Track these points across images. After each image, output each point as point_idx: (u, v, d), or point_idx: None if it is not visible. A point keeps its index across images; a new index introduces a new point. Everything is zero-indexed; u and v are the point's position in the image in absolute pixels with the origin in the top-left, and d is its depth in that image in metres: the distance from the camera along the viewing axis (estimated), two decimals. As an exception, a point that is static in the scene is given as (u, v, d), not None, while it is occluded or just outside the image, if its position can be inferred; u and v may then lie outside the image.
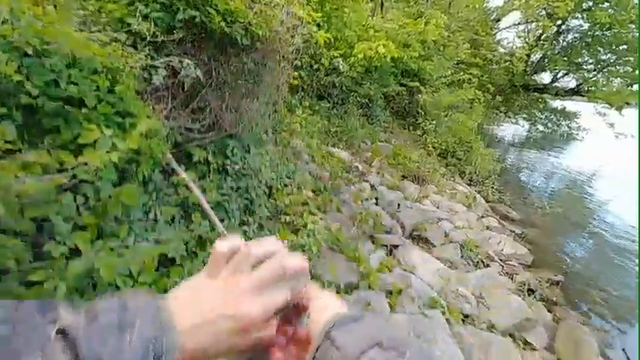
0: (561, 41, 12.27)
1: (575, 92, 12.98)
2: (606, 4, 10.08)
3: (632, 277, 4.48)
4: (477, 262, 3.94)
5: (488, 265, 3.92)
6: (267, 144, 3.23)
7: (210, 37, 2.37)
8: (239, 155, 2.89)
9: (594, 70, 11.90)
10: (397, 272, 3.11)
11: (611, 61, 11.22)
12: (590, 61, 11.76)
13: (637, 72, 10.43)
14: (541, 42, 12.17)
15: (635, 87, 10.72)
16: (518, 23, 12.61)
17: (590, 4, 10.46)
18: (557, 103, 14.82)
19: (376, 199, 4.47)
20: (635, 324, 3.63)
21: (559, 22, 11.23)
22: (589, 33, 11.15)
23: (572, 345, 2.89)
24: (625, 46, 10.30)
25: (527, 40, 12.53)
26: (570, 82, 13.25)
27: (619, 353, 3.06)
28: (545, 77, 13.83)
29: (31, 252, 1.42)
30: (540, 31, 11.95)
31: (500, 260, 4.13)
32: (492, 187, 6.76)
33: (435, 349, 2.28)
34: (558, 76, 13.23)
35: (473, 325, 2.81)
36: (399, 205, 4.54)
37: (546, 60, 12.53)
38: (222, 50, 2.48)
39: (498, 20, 12.64)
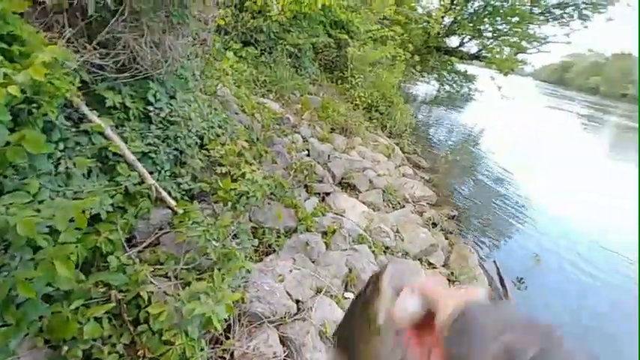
0: (469, 7, 13.51)
1: (475, 57, 14.76)
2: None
3: (502, 212, 5.80)
4: (395, 204, 4.55)
5: (403, 206, 4.57)
6: (194, 90, 2.96)
7: (118, -50, 1.95)
8: (164, 101, 2.59)
9: (492, 37, 13.60)
10: (330, 216, 3.40)
11: (505, 31, 12.95)
12: (490, 29, 13.35)
13: (523, 43, 12.29)
14: (454, 5, 13.18)
15: (520, 56, 12.72)
16: (437, -15, 13.30)
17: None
18: (461, 67, 16.78)
19: (308, 150, 4.60)
20: (503, 244, 4.82)
21: (469, -12, 12.24)
22: (491, 2, 12.50)
23: (460, 261, 3.73)
24: (517, 18, 11.90)
25: (442, 2, 13.40)
26: (472, 47, 14.95)
27: (491, 264, 4.10)
28: (454, 41, 15.29)
29: None
30: (455, -5, 12.88)
31: (413, 201, 4.85)
32: (408, 140, 7.58)
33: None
34: (464, 40, 14.74)
35: (392, 254, 3.35)
36: (329, 156, 4.78)
37: (456, 24, 13.75)
38: (134, -30, 2.07)
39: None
